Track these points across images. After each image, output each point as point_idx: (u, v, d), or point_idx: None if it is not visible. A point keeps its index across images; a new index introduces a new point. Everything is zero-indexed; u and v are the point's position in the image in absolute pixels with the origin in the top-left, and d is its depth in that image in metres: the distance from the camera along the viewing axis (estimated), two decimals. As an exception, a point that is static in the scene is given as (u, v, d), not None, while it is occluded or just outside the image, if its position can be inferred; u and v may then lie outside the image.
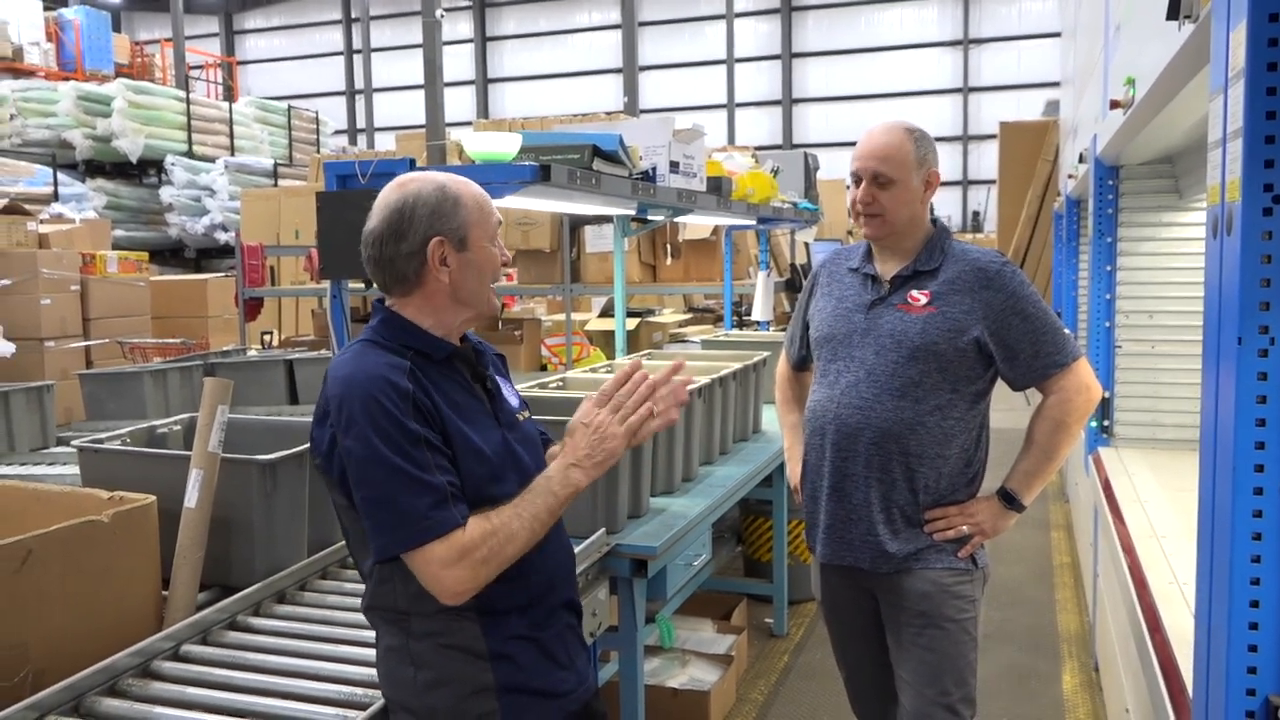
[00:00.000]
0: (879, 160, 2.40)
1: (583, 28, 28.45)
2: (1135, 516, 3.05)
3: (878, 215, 2.42)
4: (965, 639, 2.43)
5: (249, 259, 8.79)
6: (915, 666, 2.43)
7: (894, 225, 2.43)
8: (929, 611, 2.41)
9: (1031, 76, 23.96)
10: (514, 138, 3.04)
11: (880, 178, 2.39)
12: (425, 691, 1.73)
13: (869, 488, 2.43)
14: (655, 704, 3.64)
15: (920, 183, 2.43)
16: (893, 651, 2.50)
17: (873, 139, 2.44)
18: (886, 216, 2.41)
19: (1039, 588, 5.40)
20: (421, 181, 1.77)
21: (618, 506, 3.01)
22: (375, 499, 1.64)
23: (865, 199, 2.42)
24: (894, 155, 2.40)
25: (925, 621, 2.41)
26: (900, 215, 2.42)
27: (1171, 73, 2.03)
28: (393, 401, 1.64)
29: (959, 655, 2.42)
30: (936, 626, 2.41)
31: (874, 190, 2.40)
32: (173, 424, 3.09)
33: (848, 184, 2.55)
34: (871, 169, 2.40)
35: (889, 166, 2.39)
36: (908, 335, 2.38)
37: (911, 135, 2.43)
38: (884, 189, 2.40)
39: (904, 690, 2.46)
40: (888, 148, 2.40)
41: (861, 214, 2.44)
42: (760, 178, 5.55)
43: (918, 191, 2.43)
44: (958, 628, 2.42)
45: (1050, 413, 2.41)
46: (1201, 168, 3.51)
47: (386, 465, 1.62)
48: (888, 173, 2.39)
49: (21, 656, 2.05)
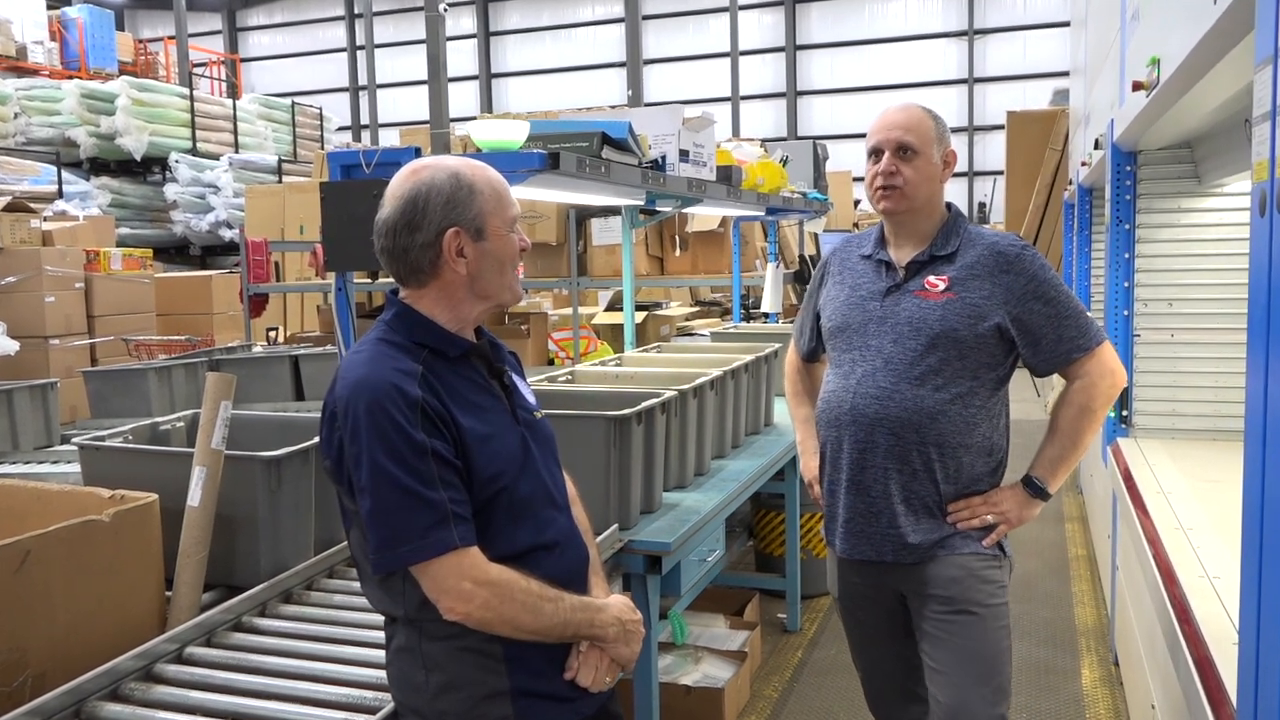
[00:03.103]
0: (903, 130, 2.36)
1: (586, 21, 28.35)
2: (1159, 509, 2.99)
3: (898, 188, 2.36)
4: (998, 626, 2.35)
5: (254, 255, 8.74)
6: (948, 655, 2.33)
7: (913, 200, 2.37)
8: (957, 596, 2.33)
9: (1037, 67, 23.83)
10: (521, 125, 2.97)
11: (905, 148, 2.35)
12: (437, 695, 1.67)
13: (889, 479, 2.36)
14: (669, 702, 3.59)
15: (940, 159, 2.40)
16: (922, 643, 2.41)
17: (892, 114, 2.41)
18: (907, 190, 2.36)
19: (1055, 581, 5.33)
20: (435, 169, 1.70)
21: (631, 502, 2.95)
22: (375, 512, 1.58)
23: (888, 169, 2.37)
24: (916, 127, 2.37)
25: (954, 607, 2.33)
26: (920, 191, 2.37)
27: (1204, 47, 1.96)
28: (400, 410, 1.58)
29: (994, 642, 2.34)
30: (967, 612, 2.32)
31: (897, 161, 2.36)
32: (175, 421, 3.04)
33: (855, 176, 2.50)
34: (896, 139, 2.36)
35: (913, 136, 2.35)
36: (926, 322, 2.32)
37: (929, 113, 2.42)
38: (907, 161, 2.35)
39: (936, 681, 2.36)
40: (909, 121, 2.37)
41: (881, 187, 2.39)
42: (770, 167, 5.49)
43: (938, 168, 2.39)
44: (990, 613, 2.34)
45: (1075, 398, 2.35)
46: (1223, 152, 3.46)
47: (388, 479, 1.57)
48: (912, 142, 2.35)
49: (21, 660, 2.00)
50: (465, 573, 1.58)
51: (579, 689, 1.74)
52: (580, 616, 1.69)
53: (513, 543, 1.68)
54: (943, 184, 2.43)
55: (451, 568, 1.58)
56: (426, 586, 1.60)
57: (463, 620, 1.61)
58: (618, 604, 1.79)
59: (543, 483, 1.76)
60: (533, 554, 1.70)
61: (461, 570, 1.58)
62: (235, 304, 9.74)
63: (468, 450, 1.64)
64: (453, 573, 1.58)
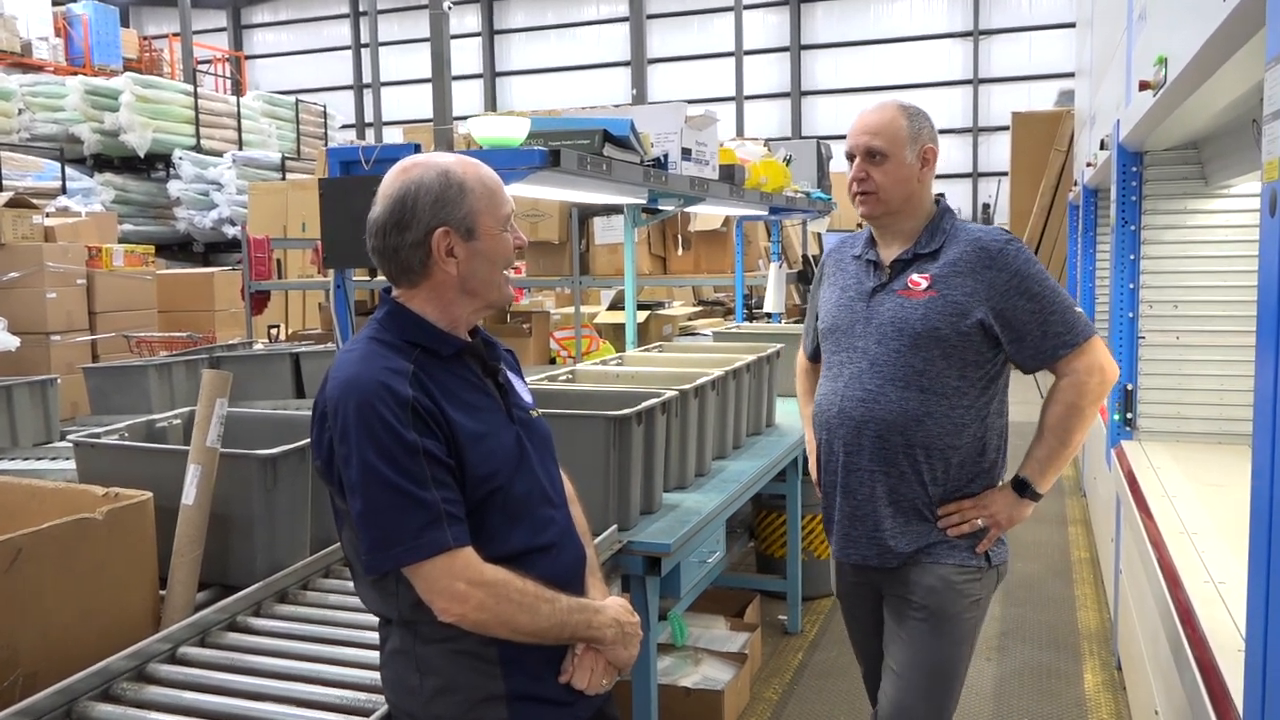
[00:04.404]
0: (870, 134, 2.35)
1: (591, 20, 28.30)
2: (1164, 512, 2.96)
3: (871, 193, 2.36)
4: (962, 641, 2.37)
5: (256, 252, 8.74)
6: (907, 659, 2.37)
7: (888, 204, 2.36)
8: (932, 606, 2.34)
9: (1043, 68, 23.76)
10: (522, 122, 2.95)
11: (873, 152, 2.34)
12: (432, 699, 1.65)
13: (875, 482, 2.36)
14: (668, 704, 3.56)
15: (915, 159, 2.36)
16: (887, 639, 2.44)
17: (866, 117, 2.40)
18: (880, 194, 2.35)
19: (1057, 584, 5.30)
20: (424, 167, 1.67)
21: (630, 502, 2.93)
22: (366, 513, 1.56)
23: (858, 174, 2.36)
24: (884, 130, 2.34)
25: (927, 615, 2.35)
26: (894, 193, 2.35)
27: (1213, 46, 1.94)
28: (390, 410, 1.55)
29: (955, 655, 2.37)
30: (937, 624, 2.34)
31: (867, 166, 2.35)
32: (172, 418, 3.01)
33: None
34: (863, 144, 2.35)
35: (880, 140, 2.33)
36: (909, 322, 2.30)
37: (904, 111, 2.39)
38: (877, 165, 2.35)
39: (889, 678, 2.40)
40: (879, 123, 2.35)
41: (856, 193, 2.39)
42: (773, 166, 5.46)
43: (913, 168, 2.36)
44: (957, 628, 2.35)
45: (1062, 395, 2.32)
46: (1230, 153, 3.43)
47: (379, 479, 1.54)
48: (879, 146, 2.33)
49: (12, 659, 1.98)
50: (459, 573, 1.56)
51: (575, 692, 1.72)
52: (577, 618, 1.67)
53: (508, 543, 1.66)
54: (923, 182, 2.39)
55: (445, 568, 1.55)
56: (420, 587, 1.58)
57: (458, 621, 1.58)
58: (615, 605, 1.76)
59: (539, 482, 1.74)
60: (529, 555, 1.68)
61: (455, 571, 1.56)
62: (237, 301, 9.73)
63: (461, 449, 1.61)
64: (446, 573, 1.55)
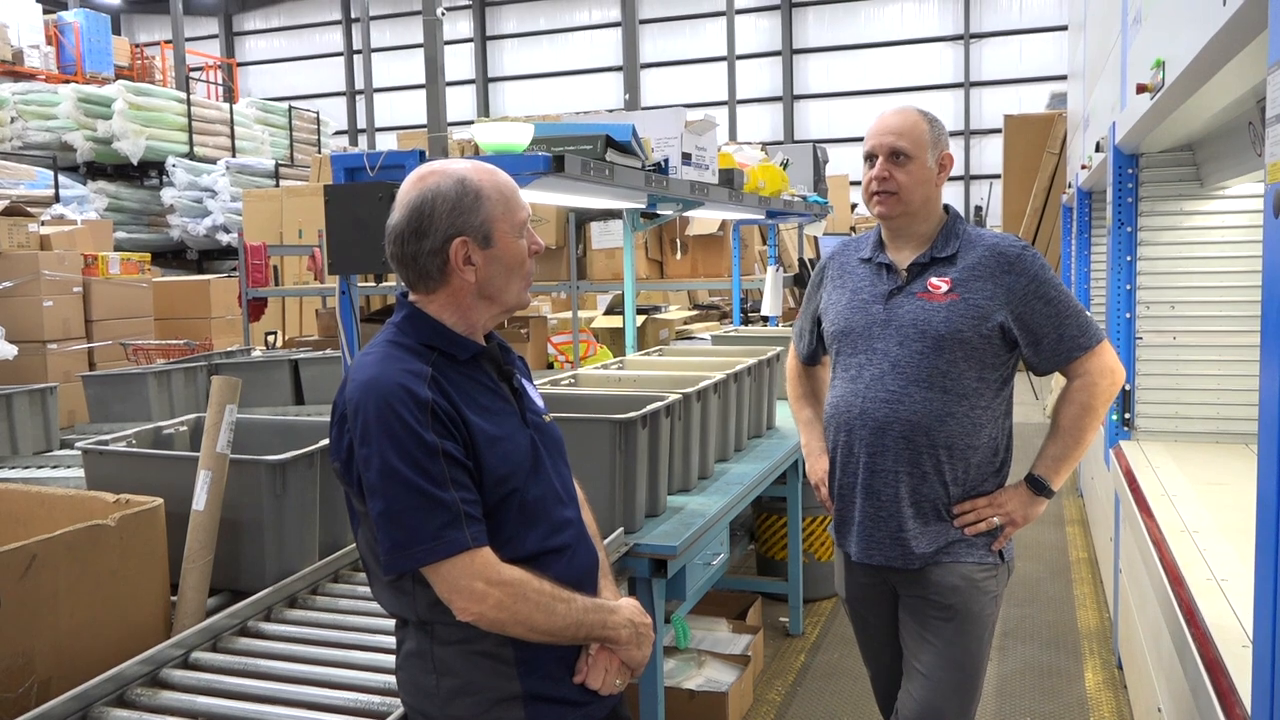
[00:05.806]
0: (895, 135, 2.37)
1: (583, 26, 28.35)
2: (1164, 511, 2.98)
3: (893, 193, 2.38)
4: (985, 637, 2.43)
5: (252, 259, 8.73)
6: (933, 660, 2.40)
7: (908, 205, 2.39)
8: (956, 605, 2.38)
9: (1033, 70, 23.88)
10: (526, 128, 2.97)
11: (898, 153, 2.37)
12: (449, 700, 1.66)
13: (899, 482, 2.38)
14: (673, 706, 3.58)
15: (935, 163, 2.41)
16: (908, 642, 2.47)
17: (887, 119, 2.42)
18: (901, 195, 2.38)
19: (1057, 584, 5.33)
20: (442, 175, 1.69)
21: (636, 505, 2.94)
22: (387, 513, 1.57)
23: (881, 174, 2.38)
24: (909, 131, 2.38)
25: (950, 615, 2.39)
26: (915, 195, 2.38)
27: (1212, 49, 1.96)
28: (410, 411, 1.57)
29: (979, 652, 2.42)
30: (961, 622, 2.38)
31: (890, 166, 2.38)
32: (179, 425, 3.02)
33: (852, 180, 2.51)
34: (889, 144, 2.38)
35: (906, 141, 2.37)
36: (932, 324, 2.34)
37: (925, 116, 2.43)
38: (900, 166, 2.37)
39: (915, 680, 2.43)
40: (903, 125, 2.39)
41: (876, 192, 2.41)
42: (771, 170, 5.49)
43: (932, 172, 2.40)
44: (980, 625, 2.41)
45: (1076, 396, 2.37)
46: (1226, 154, 3.46)
47: (400, 480, 1.56)
48: (905, 147, 2.36)
49: (27, 666, 1.99)
50: (478, 572, 1.57)
51: (590, 692, 1.73)
52: (593, 618, 1.69)
53: (524, 545, 1.68)
54: (939, 187, 2.44)
55: (464, 568, 1.57)
56: (439, 587, 1.59)
57: (476, 621, 1.60)
58: (629, 606, 1.78)
59: (553, 486, 1.76)
60: (544, 556, 1.70)
61: (474, 570, 1.57)
62: (233, 308, 9.72)
63: (478, 451, 1.63)
64: (465, 573, 1.57)
